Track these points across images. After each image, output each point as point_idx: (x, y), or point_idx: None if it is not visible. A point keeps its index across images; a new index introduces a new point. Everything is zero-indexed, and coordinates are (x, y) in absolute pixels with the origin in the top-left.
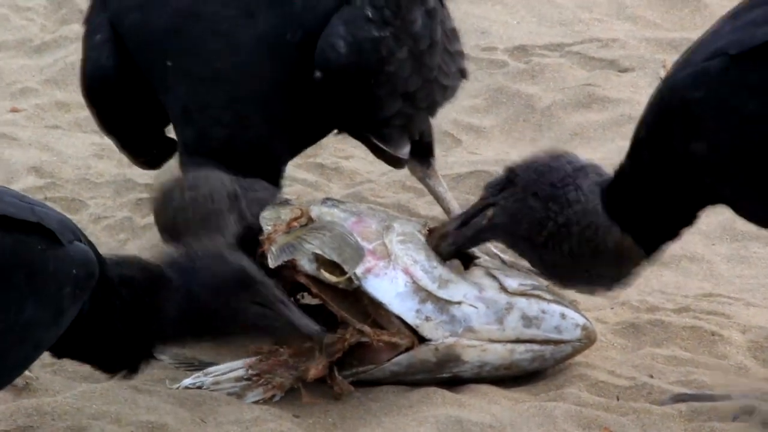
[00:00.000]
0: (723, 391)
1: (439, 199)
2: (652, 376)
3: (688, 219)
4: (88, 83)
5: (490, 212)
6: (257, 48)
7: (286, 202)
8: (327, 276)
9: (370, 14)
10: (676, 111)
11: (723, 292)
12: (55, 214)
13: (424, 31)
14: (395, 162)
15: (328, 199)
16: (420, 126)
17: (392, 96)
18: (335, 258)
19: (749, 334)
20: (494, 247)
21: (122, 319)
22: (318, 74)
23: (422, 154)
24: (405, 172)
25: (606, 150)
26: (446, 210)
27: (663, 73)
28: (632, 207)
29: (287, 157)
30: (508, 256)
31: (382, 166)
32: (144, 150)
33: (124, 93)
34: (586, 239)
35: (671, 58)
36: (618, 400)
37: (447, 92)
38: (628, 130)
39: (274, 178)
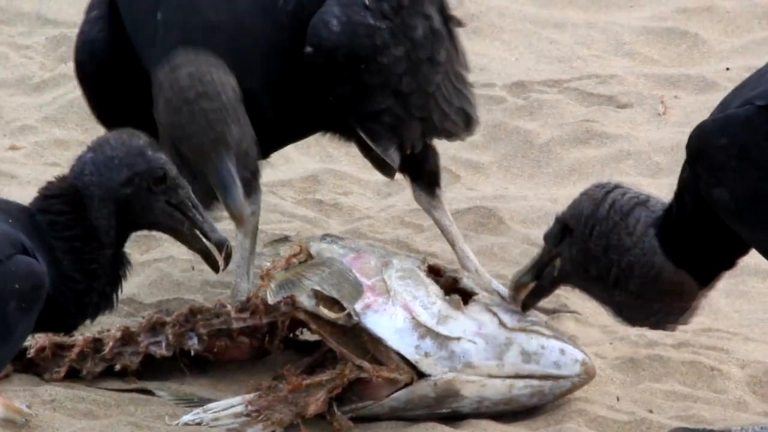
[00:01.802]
0: (723, 426)
1: (444, 231)
2: (651, 411)
3: (739, 251)
4: (78, 56)
5: (557, 263)
6: (252, 7)
7: (285, 239)
8: (326, 312)
9: (367, 2)
10: (702, 156)
11: (722, 326)
12: None
13: (424, 42)
14: (384, 167)
15: (327, 235)
16: (412, 137)
17: (382, 89)
18: (334, 294)
19: (748, 368)
20: (493, 282)
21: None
22: (309, 49)
23: (428, 183)
24: (404, 208)
25: None
26: (450, 242)
27: (661, 109)
28: (683, 244)
29: (276, 140)
30: (505, 289)
31: (380, 202)
32: None
33: (114, 70)
34: (646, 278)
35: (669, 94)
36: None
37: (446, 121)
38: (627, 166)
39: (257, 148)
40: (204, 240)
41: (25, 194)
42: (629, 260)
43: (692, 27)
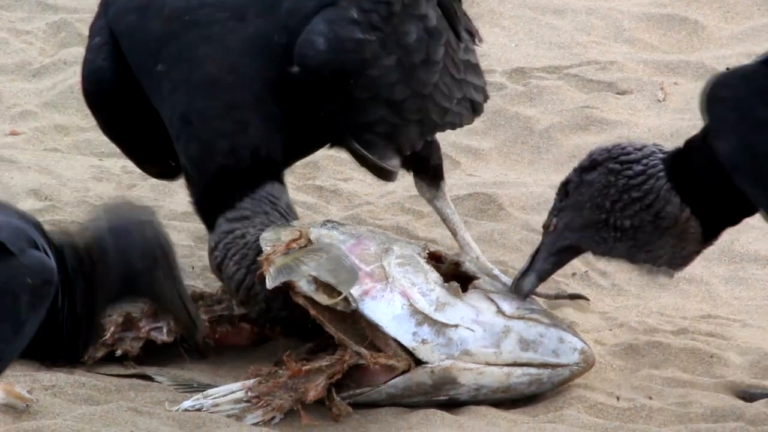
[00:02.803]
0: None
1: (445, 220)
2: (650, 398)
3: (744, 208)
4: (86, 85)
5: (554, 221)
6: (247, 50)
7: (286, 224)
8: (324, 298)
9: (355, 15)
10: (707, 107)
11: (721, 313)
12: (8, 221)
13: (418, 45)
14: (382, 173)
15: (328, 221)
16: (411, 139)
17: (374, 101)
18: (330, 280)
19: (747, 355)
20: (494, 270)
21: (66, 301)
22: (295, 69)
23: (431, 176)
24: (404, 194)
25: None
26: (453, 232)
27: (661, 96)
28: (697, 180)
29: (287, 159)
30: (506, 277)
31: (380, 188)
32: (153, 158)
33: (123, 96)
34: (647, 205)
35: (669, 80)
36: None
37: (447, 115)
38: None
39: (278, 181)
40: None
41: (25, 180)
42: (629, 177)
43: (692, 13)
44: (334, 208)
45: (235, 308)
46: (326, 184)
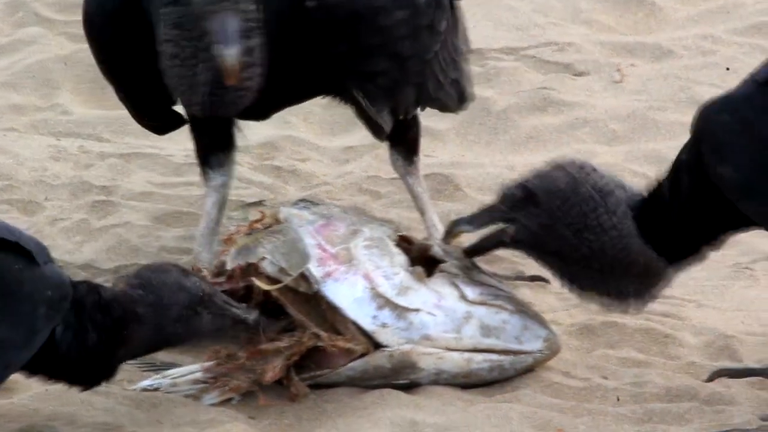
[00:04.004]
0: (763, 365)
1: (415, 198)
2: (605, 378)
3: (714, 240)
4: (88, 9)
5: (511, 229)
6: None
7: (258, 203)
8: (285, 279)
9: None
10: (705, 135)
11: (676, 294)
12: (29, 236)
13: (426, 9)
14: (375, 128)
15: (302, 200)
16: (406, 102)
17: (381, 51)
18: (282, 263)
19: (702, 335)
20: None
21: (96, 340)
22: (311, 3)
23: (408, 149)
24: (361, 174)
25: (561, 153)
26: (420, 210)
27: (618, 77)
28: (664, 226)
29: (284, 101)
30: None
31: (338, 169)
32: (153, 110)
33: (127, 29)
34: (619, 260)
35: (626, 62)
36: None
37: (440, 91)
38: (583, 134)
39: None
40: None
41: None
42: (603, 242)
43: None
44: (292, 188)
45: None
46: (284, 164)
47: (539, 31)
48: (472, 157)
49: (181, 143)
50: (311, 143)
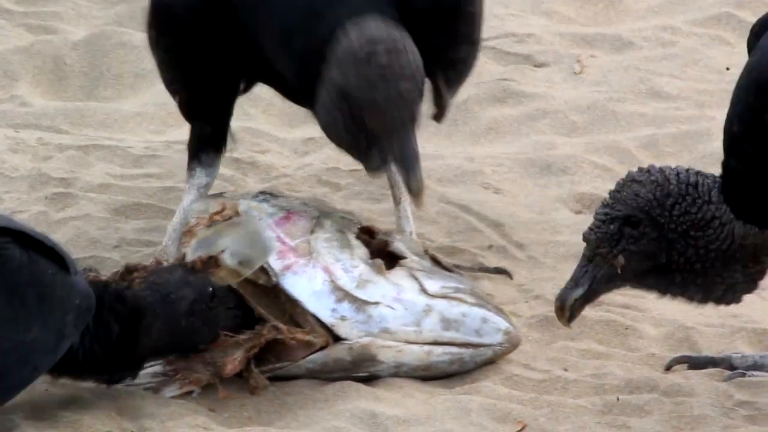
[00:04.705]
0: (723, 355)
1: (394, 186)
2: (566, 369)
3: None
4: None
5: (619, 261)
6: None
7: (220, 195)
8: (244, 271)
9: None
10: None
11: None
12: (61, 246)
13: None
14: (440, 114)
15: (262, 192)
16: (460, 86)
17: (467, 39)
18: (242, 256)
19: (662, 327)
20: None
21: (118, 332)
22: None
23: None
24: (321, 166)
25: (521, 144)
26: (396, 199)
27: (578, 68)
28: (754, 199)
29: None
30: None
31: (297, 161)
32: (210, 105)
33: (210, 23)
34: (725, 250)
35: (586, 53)
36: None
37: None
38: (543, 125)
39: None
40: None
41: None
42: (710, 234)
43: None
44: (251, 180)
45: None
46: (243, 156)
47: (499, 23)
48: (431, 148)
49: (140, 135)
50: (271, 135)
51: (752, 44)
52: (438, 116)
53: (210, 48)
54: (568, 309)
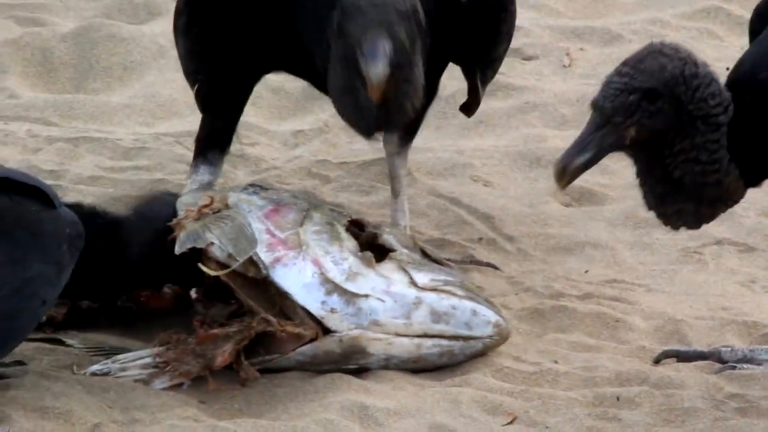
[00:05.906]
0: (713, 348)
1: (394, 179)
2: (556, 362)
3: None
4: None
5: (630, 133)
6: None
7: (208, 187)
8: (234, 264)
9: None
10: None
11: (626, 278)
12: (41, 181)
13: None
14: (471, 107)
15: (251, 185)
16: (489, 82)
17: (506, 37)
18: (229, 249)
19: (651, 319)
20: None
21: (100, 259)
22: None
23: (410, 129)
24: (310, 159)
25: (510, 137)
26: (394, 191)
27: (567, 61)
28: (753, 145)
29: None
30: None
31: (287, 153)
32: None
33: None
34: (706, 170)
35: (575, 46)
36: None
37: None
38: (533, 118)
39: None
40: None
41: None
42: (711, 139)
43: None
44: (241, 173)
45: None
46: (233, 148)
47: None
48: (421, 141)
49: (129, 127)
50: (260, 127)
51: (756, 24)
52: (470, 111)
53: (240, 37)
54: (569, 173)
